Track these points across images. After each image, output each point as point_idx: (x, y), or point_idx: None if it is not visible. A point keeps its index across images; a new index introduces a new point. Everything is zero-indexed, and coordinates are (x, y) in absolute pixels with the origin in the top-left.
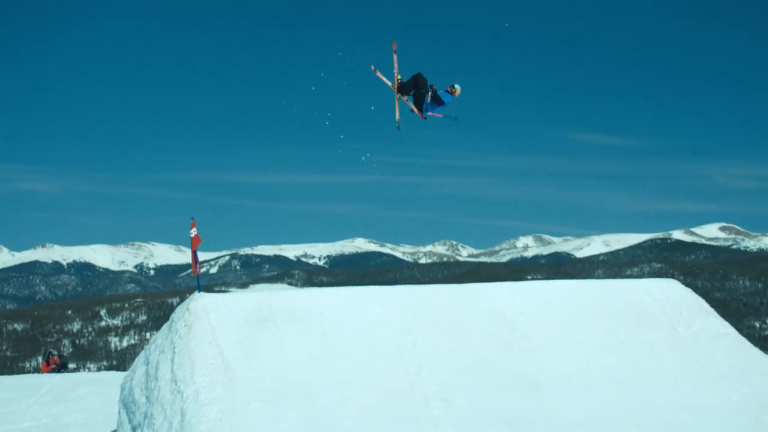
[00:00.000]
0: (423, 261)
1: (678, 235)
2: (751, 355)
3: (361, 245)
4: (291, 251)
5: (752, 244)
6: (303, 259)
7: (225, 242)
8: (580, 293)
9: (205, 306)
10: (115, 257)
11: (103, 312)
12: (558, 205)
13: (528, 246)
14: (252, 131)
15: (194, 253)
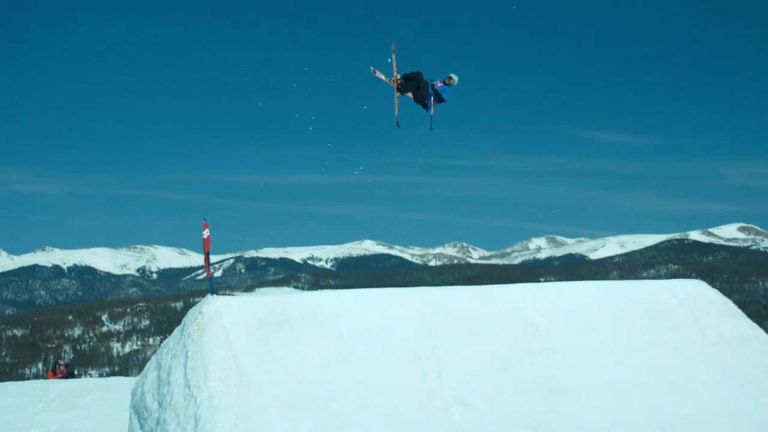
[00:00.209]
0: (433, 263)
1: (695, 235)
2: None
3: (369, 247)
4: (297, 254)
5: None
6: (309, 262)
7: (229, 245)
8: (603, 294)
9: (219, 309)
10: (117, 260)
11: (104, 317)
12: (572, 205)
13: (541, 247)
14: (256, 131)
15: (207, 254)
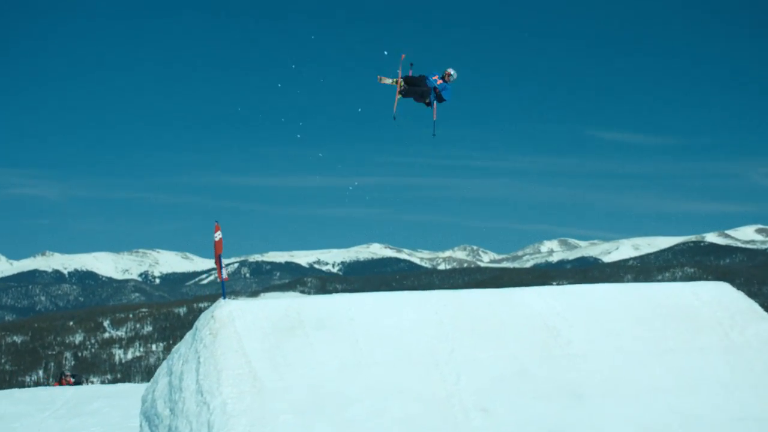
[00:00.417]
0: (442, 267)
1: (712, 237)
2: None
3: (377, 251)
4: (303, 258)
5: None
6: (316, 266)
7: (233, 249)
8: (624, 297)
9: (231, 313)
10: (119, 265)
11: (106, 323)
12: (584, 207)
13: (553, 251)
14: (260, 132)
15: (218, 257)
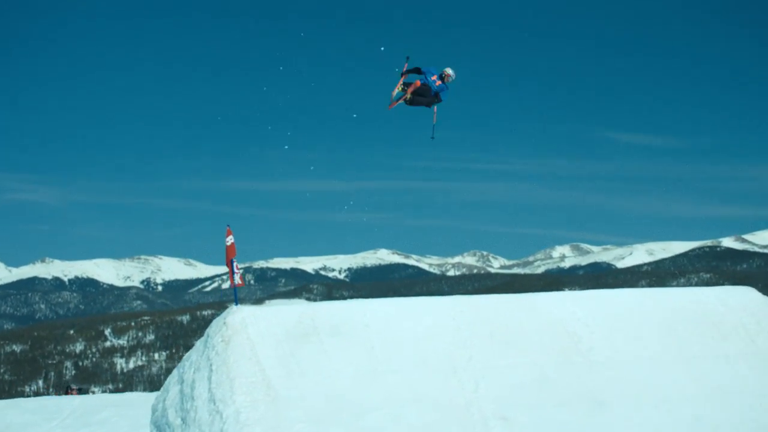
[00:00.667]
0: (451, 273)
1: (728, 242)
2: None
3: (385, 257)
4: (309, 264)
5: None
6: (322, 273)
7: (238, 255)
8: (647, 302)
9: (244, 320)
10: (120, 272)
11: (107, 331)
12: (597, 211)
13: (565, 256)
14: (264, 135)
15: (230, 262)
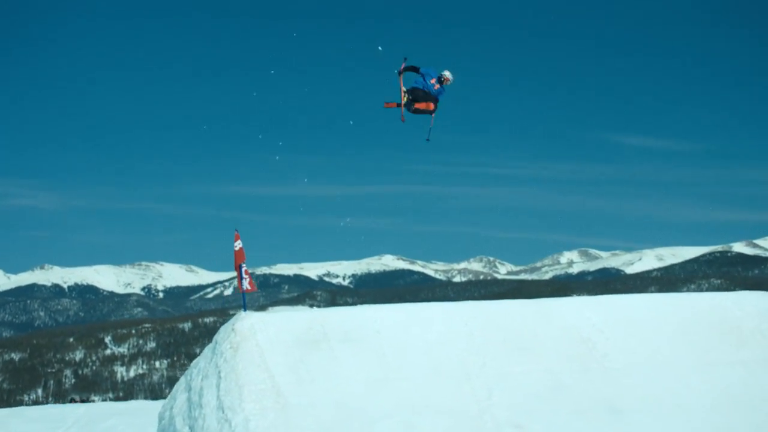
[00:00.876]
0: (457, 279)
1: (739, 247)
2: None
3: (389, 263)
4: (312, 270)
5: None
6: (326, 279)
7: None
8: (662, 308)
9: (253, 326)
10: (121, 279)
11: (108, 339)
12: (605, 216)
13: (573, 261)
14: (266, 138)
15: (239, 267)
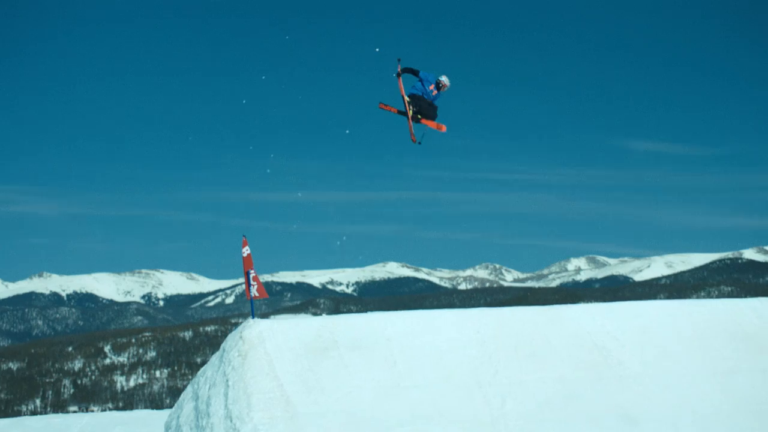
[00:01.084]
0: (463, 287)
1: (750, 254)
2: None
3: (394, 270)
4: (315, 278)
5: None
6: (329, 287)
7: (241, 269)
8: (679, 315)
9: (261, 334)
10: (120, 287)
11: (107, 348)
12: (613, 222)
13: (580, 269)
14: (268, 144)
15: (247, 273)
